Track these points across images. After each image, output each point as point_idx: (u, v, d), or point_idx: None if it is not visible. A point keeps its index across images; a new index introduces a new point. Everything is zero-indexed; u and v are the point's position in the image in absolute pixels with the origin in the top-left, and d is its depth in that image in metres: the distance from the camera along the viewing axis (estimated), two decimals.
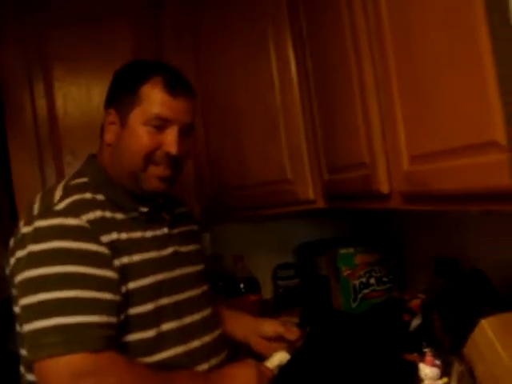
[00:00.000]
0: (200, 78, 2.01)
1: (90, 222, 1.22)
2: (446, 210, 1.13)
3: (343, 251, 2.10)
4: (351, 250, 2.11)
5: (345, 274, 2.08)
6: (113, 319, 1.18)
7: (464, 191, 0.99)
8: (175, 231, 1.43)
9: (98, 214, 1.25)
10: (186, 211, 1.57)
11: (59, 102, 2.01)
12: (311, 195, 1.82)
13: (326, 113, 1.62)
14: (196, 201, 2.09)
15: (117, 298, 1.20)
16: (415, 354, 1.57)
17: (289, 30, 1.84)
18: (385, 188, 1.29)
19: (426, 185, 1.09)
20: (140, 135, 1.30)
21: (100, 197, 1.29)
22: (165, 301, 1.31)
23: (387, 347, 1.66)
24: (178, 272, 1.38)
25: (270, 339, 1.56)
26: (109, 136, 1.35)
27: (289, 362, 1.45)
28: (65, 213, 1.21)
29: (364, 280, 2.10)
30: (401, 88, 1.17)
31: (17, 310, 1.24)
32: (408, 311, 1.80)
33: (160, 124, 1.30)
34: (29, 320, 1.15)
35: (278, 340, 1.55)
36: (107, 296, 1.18)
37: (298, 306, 2.18)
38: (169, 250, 1.37)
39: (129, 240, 1.28)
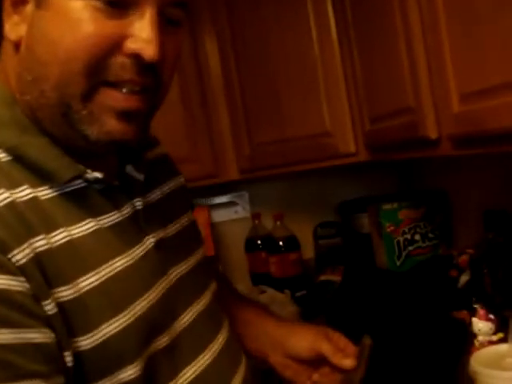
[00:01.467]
0: (233, 30, 1.93)
1: None
2: (502, 153, 1.04)
3: (386, 206, 2.03)
4: (395, 205, 2.03)
5: (388, 230, 2.01)
6: None
7: None
8: (152, 198, 0.82)
9: (5, 195, 0.63)
10: (162, 154, 0.94)
11: None
12: (352, 148, 1.74)
13: (367, 59, 1.53)
14: (233, 159, 2.02)
15: (56, 381, 0.62)
16: (465, 311, 1.51)
17: None
18: (433, 133, 1.20)
19: (479, 124, 1.00)
20: (78, 20, 0.65)
21: (5, 157, 0.67)
22: (157, 345, 0.73)
23: (435, 305, 1.60)
24: (168, 280, 0.78)
25: (304, 361, 0.99)
26: (13, 28, 0.69)
27: None
28: None
29: (408, 236, 2.02)
30: (448, 20, 1.07)
31: None
32: (456, 267, 1.74)
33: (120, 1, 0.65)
34: None
35: (318, 363, 0.97)
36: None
37: (340, 264, 2.12)
38: (147, 244, 0.76)
39: (70, 244, 0.66)
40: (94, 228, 0.69)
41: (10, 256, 0.60)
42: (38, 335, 0.61)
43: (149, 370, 0.71)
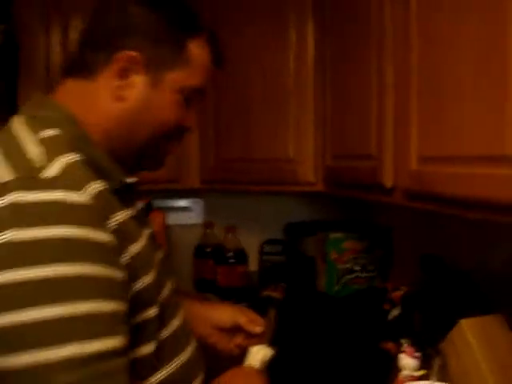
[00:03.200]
0: None
1: (95, 197, 0.85)
2: (445, 213, 1.17)
3: (333, 235, 2.15)
4: (340, 235, 2.16)
5: (332, 257, 2.13)
6: (128, 338, 0.86)
7: (467, 198, 1.03)
8: (139, 205, 1.08)
9: (96, 184, 0.88)
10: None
11: None
12: (312, 178, 1.86)
13: (339, 101, 1.66)
14: (197, 167, 2.12)
15: (127, 308, 0.87)
16: (391, 343, 1.63)
17: (311, 14, 1.85)
18: (389, 183, 1.33)
19: (430, 186, 1.14)
20: (173, 106, 1.00)
21: (79, 157, 0.90)
22: (163, 297, 1.00)
23: (365, 334, 1.72)
24: (158, 259, 1.04)
25: (225, 330, 1.29)
26: (122, 88, 0.97)
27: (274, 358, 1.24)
28: (61, 183, 0.83)
29: (349, 266, 2.15)
30: (420, 89, 1.20)
31: None
32: (389, 301, 1.85)
33: (194, 97, 1.03)
34: (19, 350, 0.75)
35: (236, 331, 1.29)
36: (122, 307, 0.85)
37: (282, 281, 2.23)
38: (147, 232, 1.04)
39: (123, 224, 0.92)
40: (127, 215, 0.94)
41: (108, 222, 0.87)
42: (122, 274, 0.86)
43: (161, 314, 0.97)
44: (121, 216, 0.91)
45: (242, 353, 1.25)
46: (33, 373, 0.75)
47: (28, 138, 0.89)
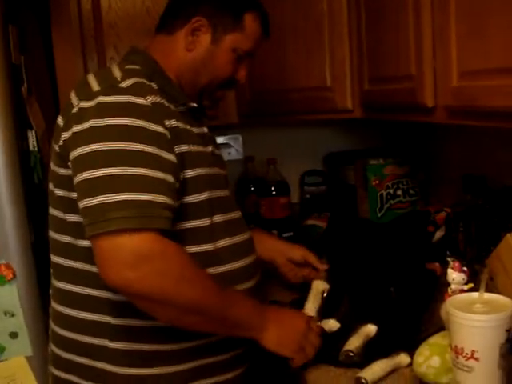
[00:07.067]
0: None
1: (154, 104, 1.19)
2: (490, 127, 1.16)
3: (373, 162, 2.16)
4: (381, 161, 2.16)
5: (373, 183, 2.14)
6: (175, 203, 1.15)
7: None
8: (209, 134, 1.43)
9: (158, 99, 1.22)
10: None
11: None
12: (349, 104, 1.85)
13: (375, 22, 1.63)
14: (234, 103, 2.12)
15: (177, 183, 1.18)
16: (437, 264, 1.65)
17: None
18: (430, 101, 1.32)
19: (473, 100, 1.13)
20: (228, 60, 1.35)
21: (154, 85, 1.26)
22: (217, 193, 1.32)
23: (411, 256, 1.74)
24: (217, 171, 1.37)
25: (296, 264, 1.70)
26: (193, 43, 1.34)
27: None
28: (132, 91, 1.18)
29: (391, 191, 2.16)
30: (458, 2, 1.18)
31: (51, 186, 1.27)
32: (432, 223, 1.87)
33: (245, 57, 1.37)
34: (93, 194, 1.09)
35: (304, 266, 1.70)
36: (170, 179, 1.15)
37: (325, 211, 2.26)
38: (209, 149, 1.37)
39: (184, 130, 1.26)
40: (190, 129, 1.29)
41: (164, 121, 1.19)
42: (173, 157, 1.18)
43: (212, 202, 1.28)
44: (176, 123, 1.23)
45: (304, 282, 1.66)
46: (95, 210, 1.08)
47: (115, 69, 1.26)
